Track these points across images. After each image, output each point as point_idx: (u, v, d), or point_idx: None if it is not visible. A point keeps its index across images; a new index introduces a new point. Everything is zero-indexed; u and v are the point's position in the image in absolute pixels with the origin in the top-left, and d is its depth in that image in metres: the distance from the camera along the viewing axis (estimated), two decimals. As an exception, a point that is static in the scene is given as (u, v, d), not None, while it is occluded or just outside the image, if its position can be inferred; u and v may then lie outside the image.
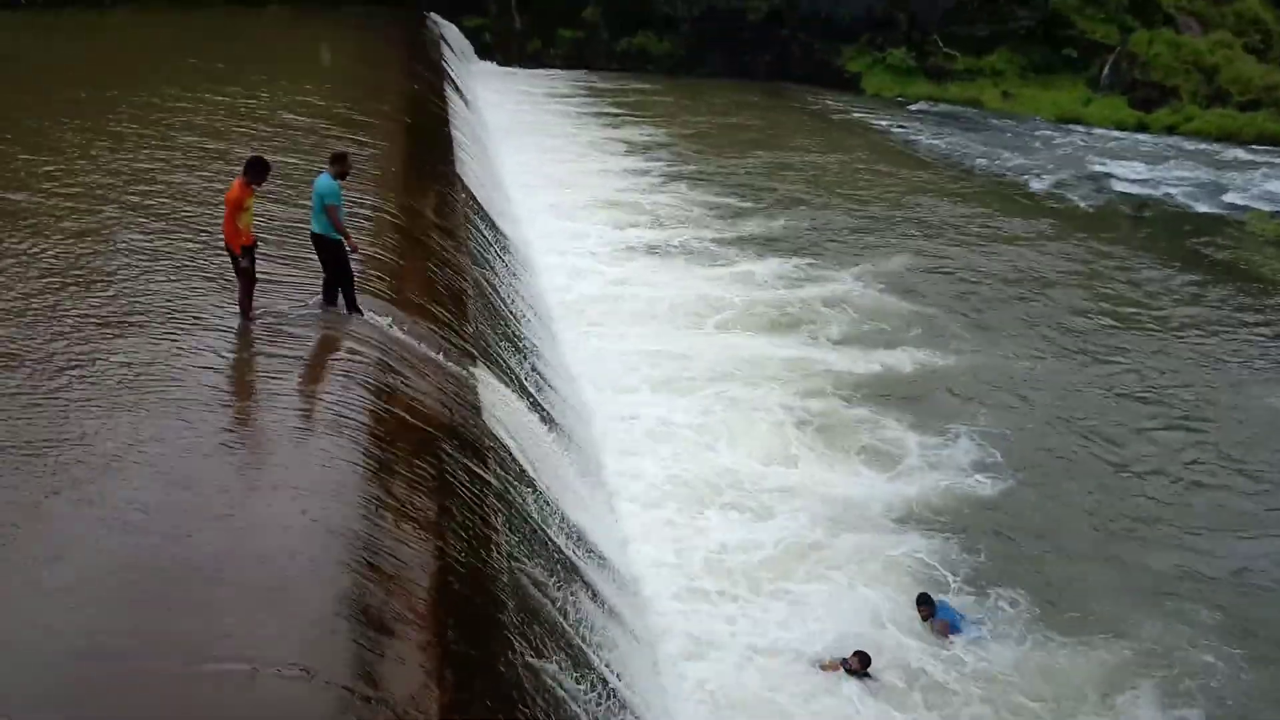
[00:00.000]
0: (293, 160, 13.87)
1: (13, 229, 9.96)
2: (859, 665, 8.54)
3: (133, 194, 11.72)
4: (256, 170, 7.73)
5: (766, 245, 20.57)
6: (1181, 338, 17.36)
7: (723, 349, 15.10)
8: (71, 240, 9.82)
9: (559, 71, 45.03)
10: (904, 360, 15.25)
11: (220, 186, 12.13)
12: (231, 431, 6.62)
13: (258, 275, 8.19)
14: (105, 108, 16.90)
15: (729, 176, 26.91)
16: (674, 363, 14.41)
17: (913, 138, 34.40)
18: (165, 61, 24.09)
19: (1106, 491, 12.15)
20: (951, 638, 9.08)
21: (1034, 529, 11.18)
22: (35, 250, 9.43)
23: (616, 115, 34.57)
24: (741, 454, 12.00)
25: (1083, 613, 9.73)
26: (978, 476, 12.05)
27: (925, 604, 9.31)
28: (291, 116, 17.68)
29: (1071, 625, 9.49)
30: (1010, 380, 15.02)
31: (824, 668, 8.59)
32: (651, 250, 19.65)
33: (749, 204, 24.02)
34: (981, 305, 18.25)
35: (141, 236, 10.18)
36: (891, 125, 36.67)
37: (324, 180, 8.11)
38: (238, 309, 8.20)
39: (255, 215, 8.10)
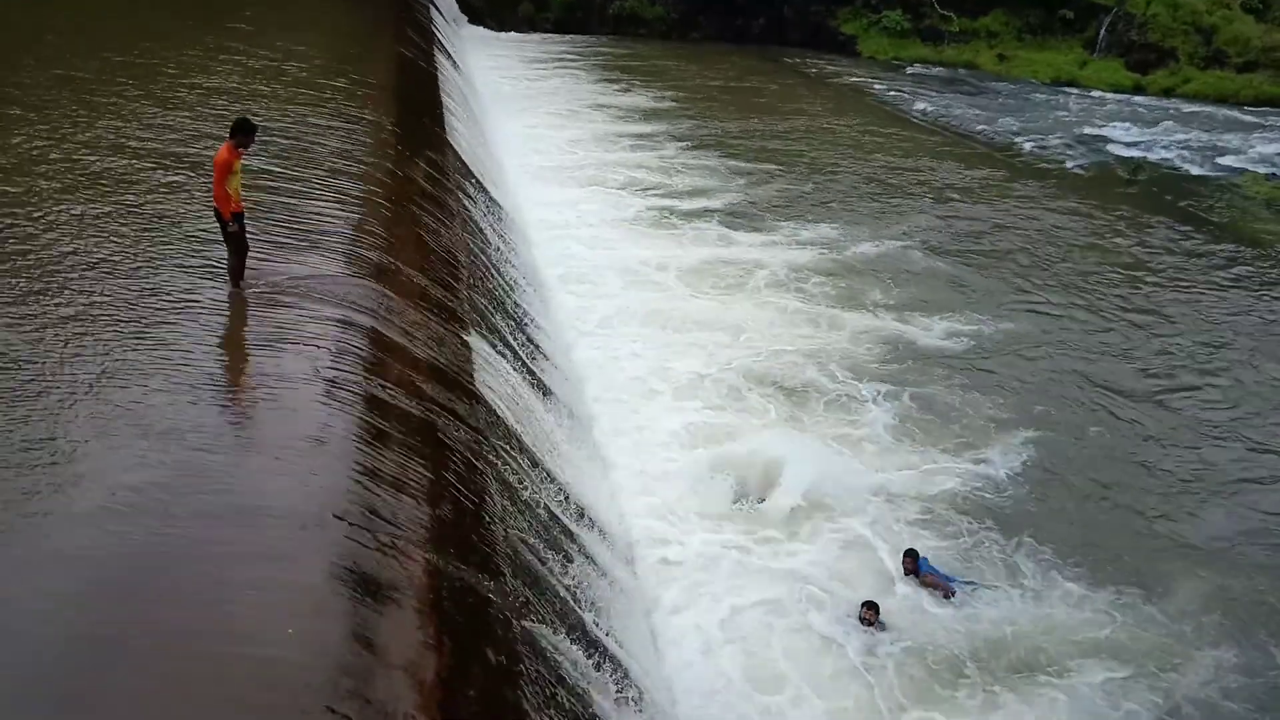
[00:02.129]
0: (280, 125, 13.71)
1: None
2: (871, 616, 8.73)
3: (113, 167, 11.57)
4: (242, 132, 7.56)
5: (764, 211, 20.46)
6: (1179, 297, 17.41)
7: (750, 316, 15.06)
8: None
9: (551, 36, 44.53)
10: (906, 325, 15.24)
11: (197, 155, 12.03)
12: (221, 400, 6.58)
13: (249, 244, 8.09)
14: (101, 74, 16.62)
15: (724, 143, 26.72)
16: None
17: (910, 102, 34.17)
18: (147, 23, 23.69)
19: (1112, 449, 12.21)
20: (943, 593, 9.23)
21: (1040, 490, 11.23)
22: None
23: (610, 81, 34.25)
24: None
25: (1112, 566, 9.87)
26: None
27: (910, 557, 9.45)
28: (277, 84, 17.43)
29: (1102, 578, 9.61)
30: (1012, 340, 15.03)
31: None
32: (638, 218, 19.52)
33: (745, 169, 23.90)
34: (983, 268, 18.24)
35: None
36: (888, 89, 36.39)
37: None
38: (227, 277, 8.12)
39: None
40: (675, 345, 13.99)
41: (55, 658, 4.27)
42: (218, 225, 7.95)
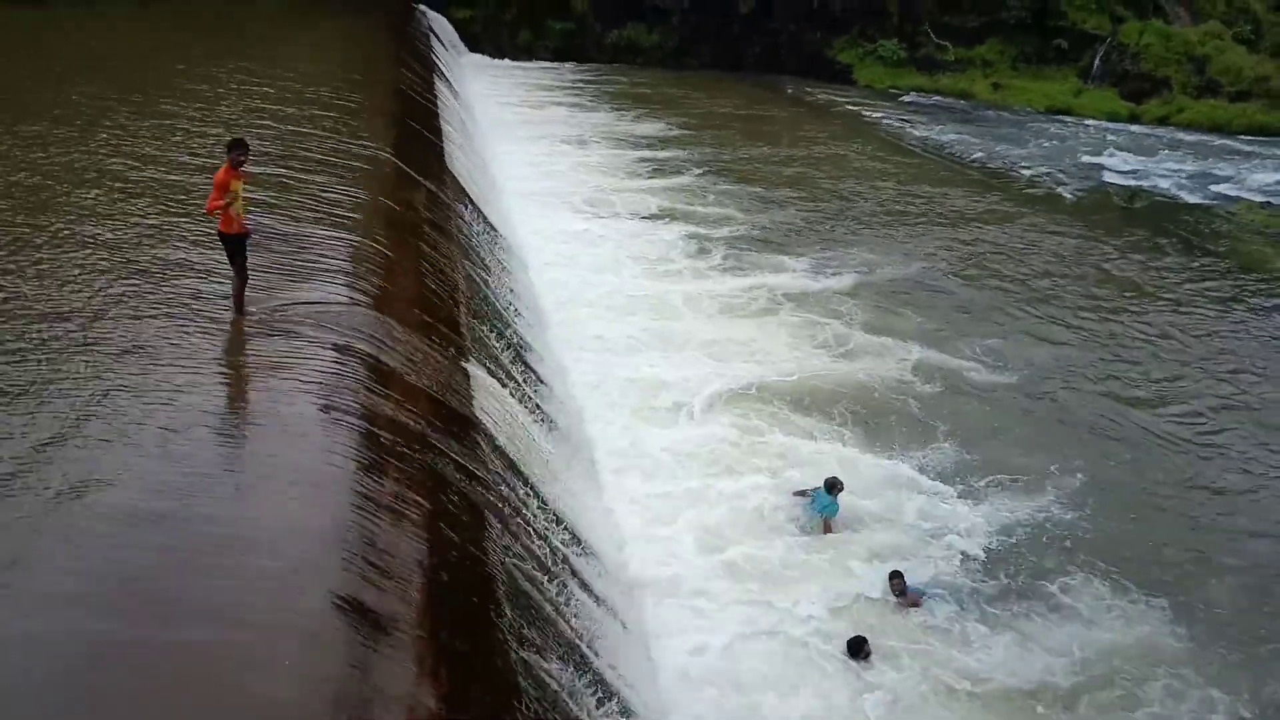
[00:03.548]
0: (281, 152, 13.78)
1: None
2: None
3: (121, 183, 11.61)
4: (236, 150, 7.55)
5: (761, 241, 20.55)
6: (1187, 322, 17.49)
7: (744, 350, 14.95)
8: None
9: (549, 64, 44.89)
10: (897, 356, 15.16)
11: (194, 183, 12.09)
12: (222, 426, 6.56)
13: (249, 270, 8.10)
14: (101, 107, 16.74)
15: (736, 169, 26.98)
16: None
17: (908, 131, 34.41)
18: (153, 54, 23.92)
19: (1141, 474, 12.26)
20: (920, 606, 9.39)
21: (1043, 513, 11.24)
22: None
23: (619, 109, 34.52)
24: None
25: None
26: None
27: (897, 578, 9.53)
28: (279, 112, 17.55)
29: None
30: (1033, 366, 15.08)
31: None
32: (658, 244, 19.53)
33: (762, 195, 24.19)
34: (994, 294, 18.37)
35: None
36: (886, 118, 36.67)
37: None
38: (231, 302, 8.14)
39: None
40: (695, 368, 13.95)
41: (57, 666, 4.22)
42: (223, 247, 7.95)
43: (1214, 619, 9.58)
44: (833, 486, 10.43)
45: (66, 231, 9.88)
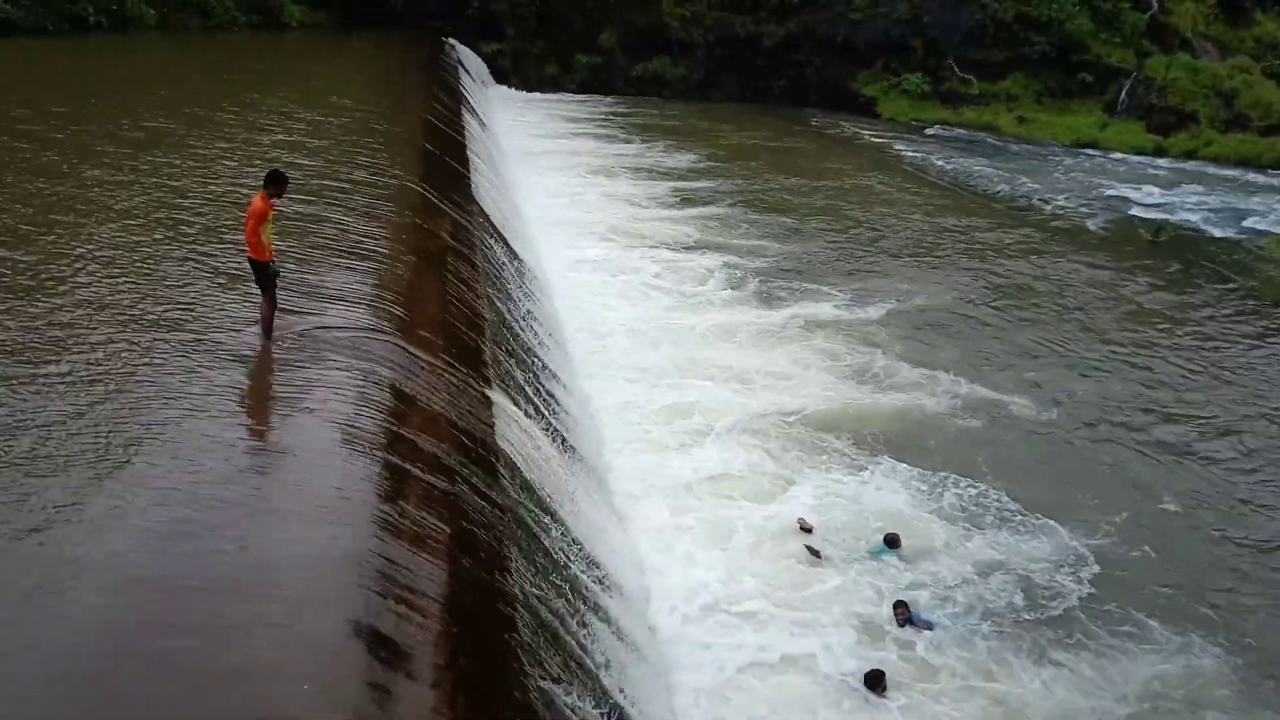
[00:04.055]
0: (312, 182, 14.01)
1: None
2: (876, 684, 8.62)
3: (159, 224, 11.83)
4: (275, 183, 7.76)
5: (792, 271, 20.59)
6: (1211, 358, 17.29)
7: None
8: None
9: (575, 96, 45.45)
10: (932, 387, 15.07)
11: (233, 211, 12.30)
12: (239, 454, 6.63)
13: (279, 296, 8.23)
14: (152, 141, 17.12)
15: (756, 200, 27.14)
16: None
17: (934, 163, 34.49)
18: (185, 87, 24.45)
19: (1155, 505, 12.14)
20: (931, 630, 9.37)
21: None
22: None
23: (637, 140, 34.84)
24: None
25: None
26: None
27: (901, 608, 9.49)
28: (310, 143, 17.86)
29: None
30: (1055, 400, 14.95)
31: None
32: (691, 274, 19.59)
33: (775, 226, 24.30)
34: (1028, 327, 18.32)
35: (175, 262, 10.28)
36: (911, 150, 36.77)
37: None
38: (260, 328, 8.26)
39: (274, 234, 8.13)
40: (725, 397, 13.93)
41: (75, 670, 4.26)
42: (253, 274, 8.10)
43: (1266, 654, 9.39)
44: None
45: (79, 254, 10.08)
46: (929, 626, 9.45)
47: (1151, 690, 8.81)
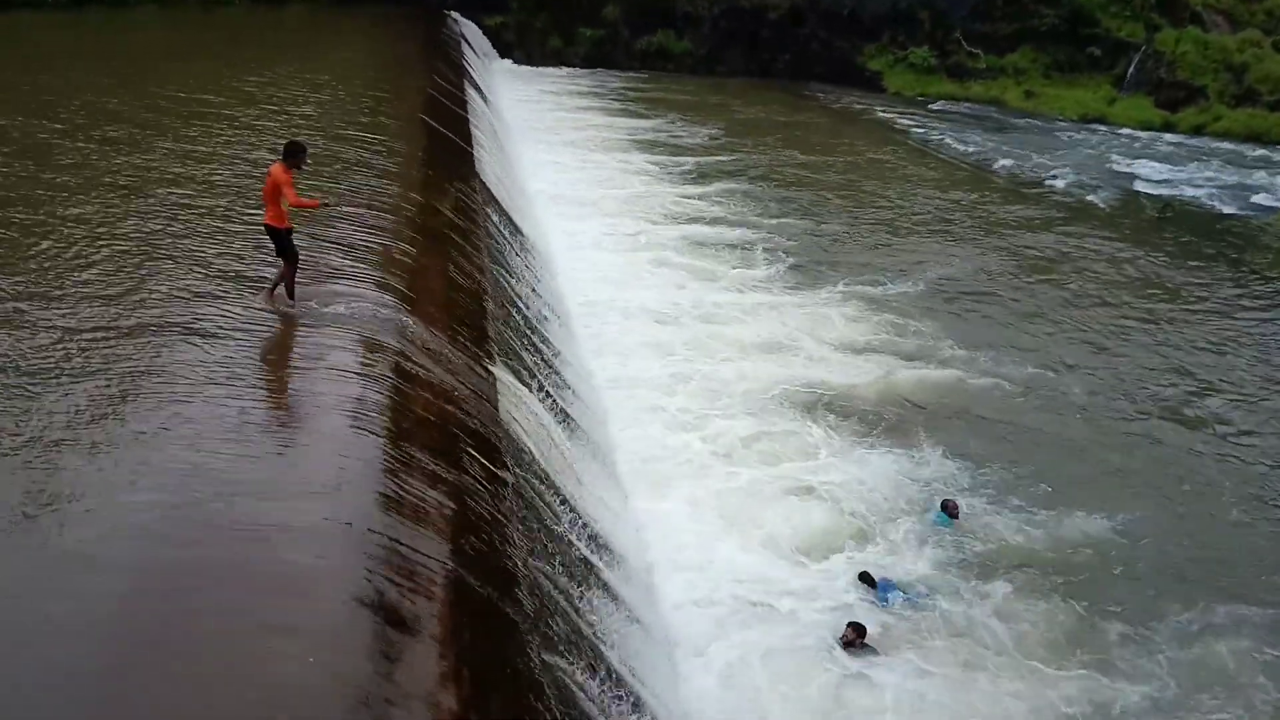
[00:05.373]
0: (315, 156, 13.92)
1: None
2: (855, 636, 8.68)
3: (170, 183, 11.80)
4: (294, 153, 7.86)
5: (808, 247, 20.49)
6: (1225, 335, 17.20)
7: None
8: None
9: (579, 70, 45.09)
10: (953, 362, 15.03)
11: (240, 184, 12.26)
12: (244, 426, 6.63)
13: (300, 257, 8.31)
14: (144, 100, 17.04)
15: (782, 175, 27.09)
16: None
17: (940, 139, 34.22)
18: (186, 60, 24.30)
19: (1182, 486, 12.06)
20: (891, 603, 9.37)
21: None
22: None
23: (644, 114, 34.61)
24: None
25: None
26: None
27: (867, 581, 9.53)
28: (313, 117, 17.75)
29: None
30: (1074, 378, 14.93)
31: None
32: (707, 253, 19.45)
33: (808, 200, 24.36)
34: (1044, 306, 18.21)
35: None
36: (916, 125, 36.48)
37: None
38: (283, 291, 8.32)
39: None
40: (741, 373, 13.91)
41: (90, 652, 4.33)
42: (272, 243, 8.17)
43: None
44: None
45: (103, 227, 10.06)
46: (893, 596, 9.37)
47: (1190, 683, 8.69)
